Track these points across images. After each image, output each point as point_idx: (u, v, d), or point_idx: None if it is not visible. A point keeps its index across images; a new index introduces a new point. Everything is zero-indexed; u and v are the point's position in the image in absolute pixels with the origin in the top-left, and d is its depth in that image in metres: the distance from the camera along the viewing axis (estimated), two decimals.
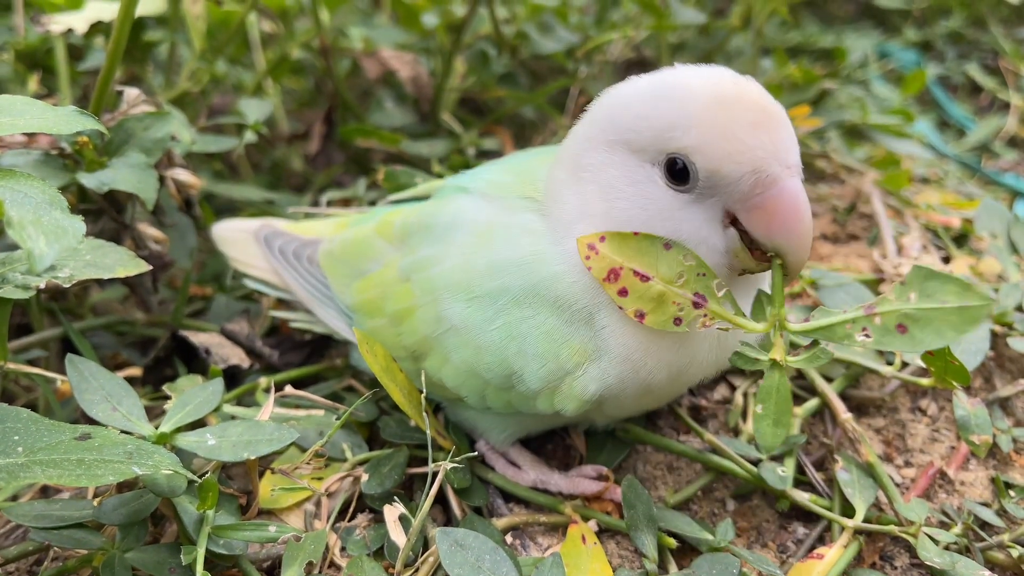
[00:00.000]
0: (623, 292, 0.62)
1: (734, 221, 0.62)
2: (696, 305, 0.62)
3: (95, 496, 0.75)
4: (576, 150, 0.69)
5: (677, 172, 0.62)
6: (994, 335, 0.90)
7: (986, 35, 1.93)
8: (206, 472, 0.73)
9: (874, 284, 1.01)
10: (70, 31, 1.12)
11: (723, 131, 0.59)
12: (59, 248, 0.53)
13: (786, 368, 0.63)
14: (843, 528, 0.74)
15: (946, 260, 1.09)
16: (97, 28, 1.14)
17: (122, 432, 0.65)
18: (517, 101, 1.35)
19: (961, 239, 1.15)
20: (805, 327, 0.62)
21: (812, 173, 1.35)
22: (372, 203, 1.17)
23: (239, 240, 0.98)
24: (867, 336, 0.60)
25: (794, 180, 0.60)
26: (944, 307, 0.58)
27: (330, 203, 1.18)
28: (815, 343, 0.63)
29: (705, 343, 0.68)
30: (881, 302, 0.60)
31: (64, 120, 0.65)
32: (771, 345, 0.63)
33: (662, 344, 0.66)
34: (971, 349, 0.86)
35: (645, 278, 0.61)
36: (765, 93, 0.62)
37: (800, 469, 0.81)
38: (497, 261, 0.70)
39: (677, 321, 0.62)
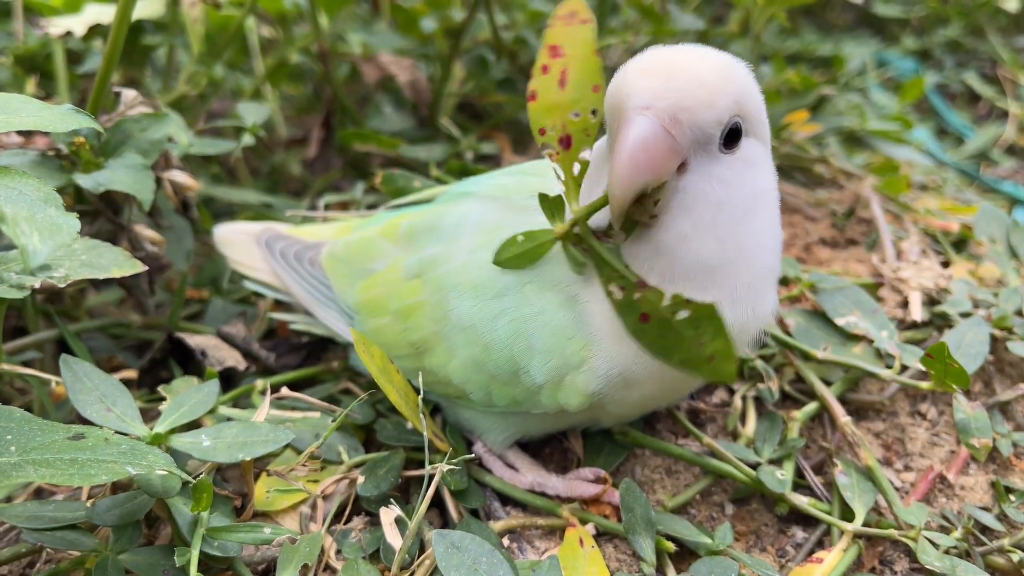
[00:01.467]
0: (544, 69, 0.61)
1: None
2: (561, 141, 0.62)
3: (89, 497, 0.74)
4: None
5: None
6: (994, 339, 0.89)
7: (984, 44, 1.93)
8: (201, 473, 0.73)
9: (873, 288, 1.01)
10: (69, 34, 1.12)
11: (620, 72, 0.61)
12: (53, 245, 0.53)
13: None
14: (842, 532, 0.73)
15: (945, 265, 1.09)
16: (96, 31, 1.14)
17: (116, 433, 0.65)
18: (516, 106, 1.35)
19: (960, 244, 1.15)
20: (593, 241, 0.63)
21: (811, 178, 1.34)
22: (371, 207, 1.17)
23: (240, 242, 0.97)
24: (621, 291, 0.62)
25: (641, 118, 0.58)
26: (687, 332, 0.60)
27: (328, 207, 1.18)
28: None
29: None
30: (674, 299, 0.60)
31: (60, 118, 0.65)
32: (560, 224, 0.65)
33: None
34: (971, 352, 0.86)
35: (563, 83, 0.61)
36: (697, 56, 0.61)
37: (799, 473, 0.81)
38: None
39: (541, 131, 0.63)
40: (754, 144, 0.66)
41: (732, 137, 0.63)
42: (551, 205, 0.65)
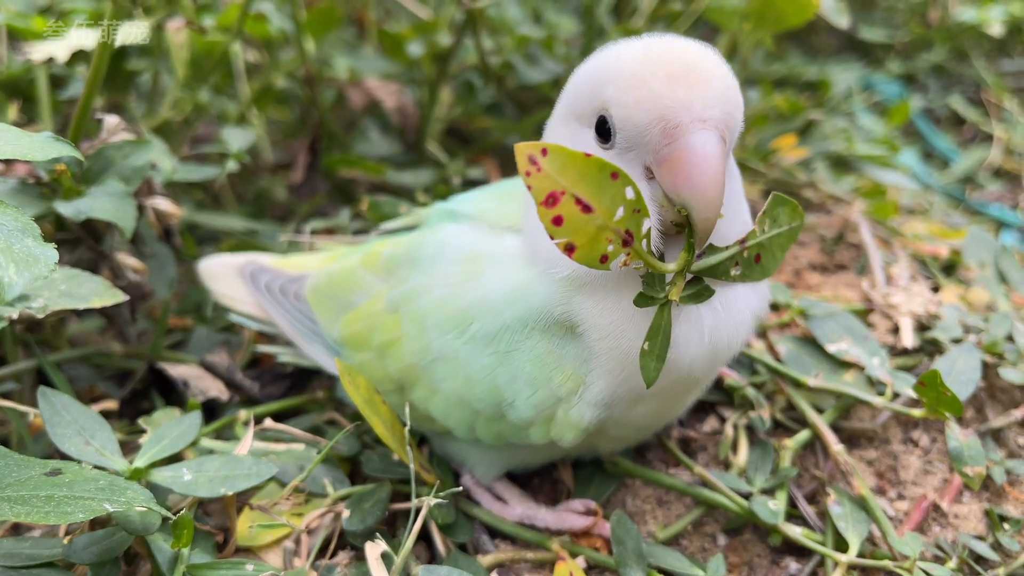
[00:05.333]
0: (558, 220, 0.56)
1: (651, 178, 0.61)
2: (625, 243, 0.57)
3: (66, 534, 0.72)
4: (545, 134, 0.71)
5: (604, 130, 0.62)
6: (985, 365, 0.89)
7: (969, 68, 1.95)
8: (181, 508, 0.71)
9: (863, 314, 1.01)
10: (51, 60, 1.10)
11: (637, 80, 0.58)
12: (29, 276, 0.52)
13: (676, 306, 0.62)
14: (836, 563, 0.72)
15: (935, 289, 1.08)
16: (80, 56, 1.13)
17: (95, 467, 0.64)
18: (503, 131, 1.35)
19: (949, 268, 1.15)
20: (699, 265, 0.61)
21: (800, 202, 1.34)
22: (357, 232, 1.16)
23: (225, 275, 0.96)
24: (738, 269, 0.62)
25: (702, 133, 0.57)
26: (781, 231, 0.62)
27: (314, 233, 1.17)
28: (699, 280, 0.62)
29: (693, 334, 0.65)
30: (750, 235, 0.61)
31: (39, 146, 0.63)
32: (674, 287, 0.61)
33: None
34: (962, 379, 0.85)
35: (587, 209, 0.56)
36: (703, 54, 0.60)
37: (792, 502, 0.80)
38: (482, 295, 0.69)
39: (603, 258, 0.57)
40: None
41: None
42: (647, 296, 0.61)
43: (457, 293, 0.70)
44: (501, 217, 0.74)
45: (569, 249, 0.56)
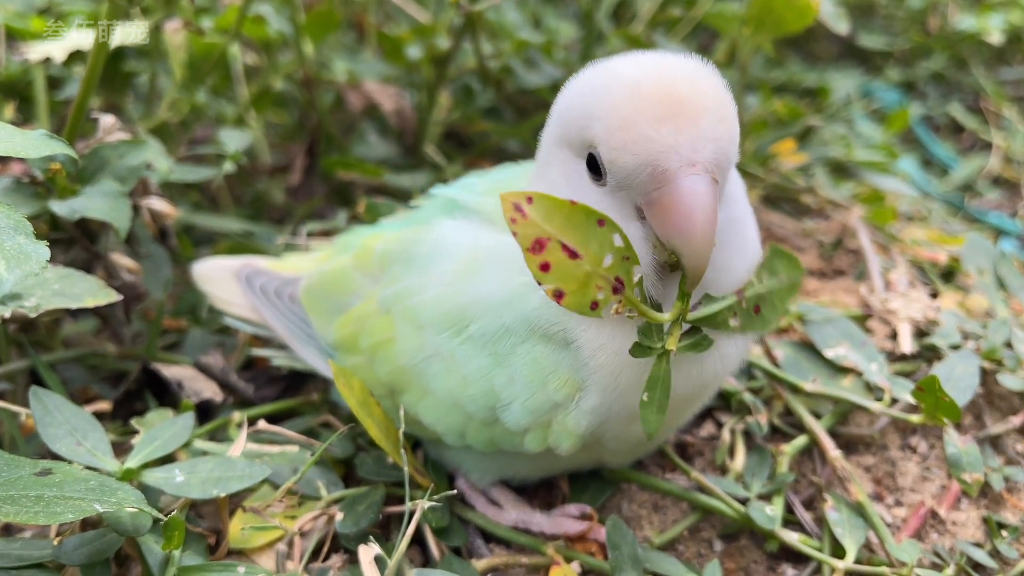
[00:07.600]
0: (545, 267, 0.56)
1: (644, 217, 0.60)
2: (615, 290, 0.57)
3: (57, 534, 0.72)
4: (540, 147, 0.70)
5: (594, 165, 0.61)
6: (984, 372, 0.89)
7: (968, 76, 1.95)
8: (173, 510, 0.70)
9: (861, 319, 1.00)
10: (49, 60, 1.10)
11: (625, 121, 0.56)
12: (20, 273, 0.52)
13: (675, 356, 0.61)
14: (833, 570, 0.72)
15: (934, 295, 1.08)
16: (77, 57, 1.13)
17: (86, 468, 0.63)
18: (501, 135, 1.35)
19: (948, 275, 1.14)
20: (695, 315, 0.61)
21: (798, 208, 1.34)
22: None
23: (220, 278, 0.95)
24: (736, 320, 0.63)
25: (692, 178, 0.55)
26: (780, 284, 0.63)
27: (310, 235, 1.16)
28: (698, 331, 0.62)
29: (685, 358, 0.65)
30: (748, 286, 0.62)
31: (33, 144, 0.63)
32: (671, 337, 0.60)
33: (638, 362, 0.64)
34: (961, 385, 0.84)
35: (574, 255, 0.56)
36: (695, 84, 0.57)
37: (789, 508, 0.80)
38: (482, 295, 0.68)
39: (594, 305, 0.57)
40: None
41: None
42: (643, 346, 0.61)
43: (455, 291, 0.69)
44: (501, 215, 0.73)
45: (558, 295, 0.57)
